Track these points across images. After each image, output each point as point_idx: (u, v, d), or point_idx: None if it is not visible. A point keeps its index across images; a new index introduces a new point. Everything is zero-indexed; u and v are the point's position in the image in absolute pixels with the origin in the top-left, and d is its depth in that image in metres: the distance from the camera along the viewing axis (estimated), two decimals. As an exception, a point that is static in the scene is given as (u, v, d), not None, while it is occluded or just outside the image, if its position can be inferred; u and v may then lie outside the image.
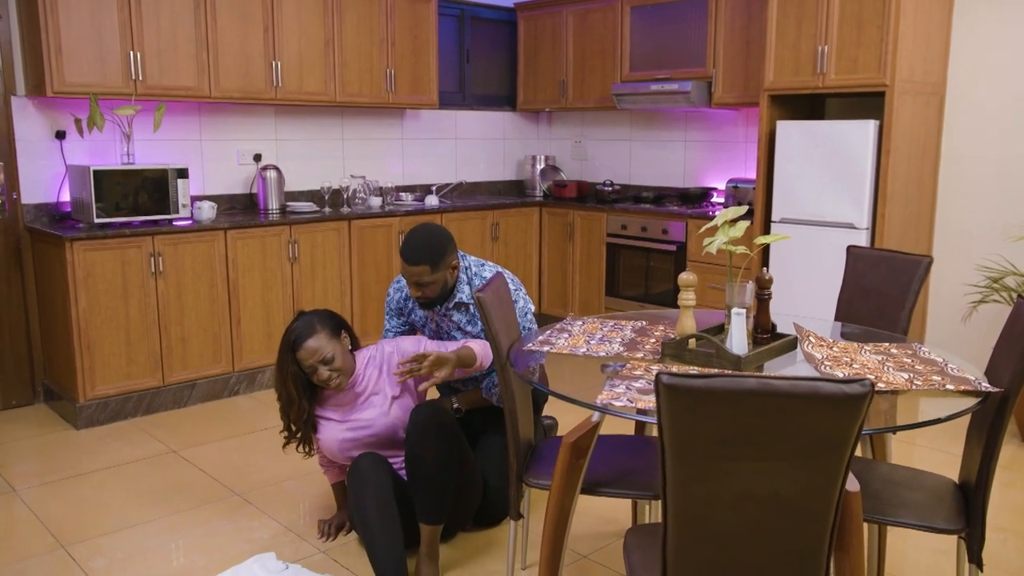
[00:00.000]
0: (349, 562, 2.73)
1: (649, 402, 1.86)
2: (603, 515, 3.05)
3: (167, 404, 4.18)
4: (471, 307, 2.91)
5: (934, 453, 3.64)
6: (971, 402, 1.94)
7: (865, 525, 2.50)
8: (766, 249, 4.49)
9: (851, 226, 4.13)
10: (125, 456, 3.62)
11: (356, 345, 2.83)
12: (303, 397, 2.69)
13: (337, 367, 2.66)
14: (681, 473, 1.50)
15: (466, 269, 2.93)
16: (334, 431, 2.76)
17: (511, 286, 2.88)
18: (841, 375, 2.07)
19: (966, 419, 2.17)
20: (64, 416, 4.07)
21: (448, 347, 2.80)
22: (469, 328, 2.94)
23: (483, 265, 2.98)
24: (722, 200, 5.21)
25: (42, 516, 3.05)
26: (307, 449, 2.79)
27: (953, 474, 2.36)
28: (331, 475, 2.98)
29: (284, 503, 3.17)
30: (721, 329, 2.40)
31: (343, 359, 2.69)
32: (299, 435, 2.75)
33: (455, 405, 2.97)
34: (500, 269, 2.97)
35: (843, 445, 1.45)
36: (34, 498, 3.20)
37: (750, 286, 2.27)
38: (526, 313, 2.86)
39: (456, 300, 2.89)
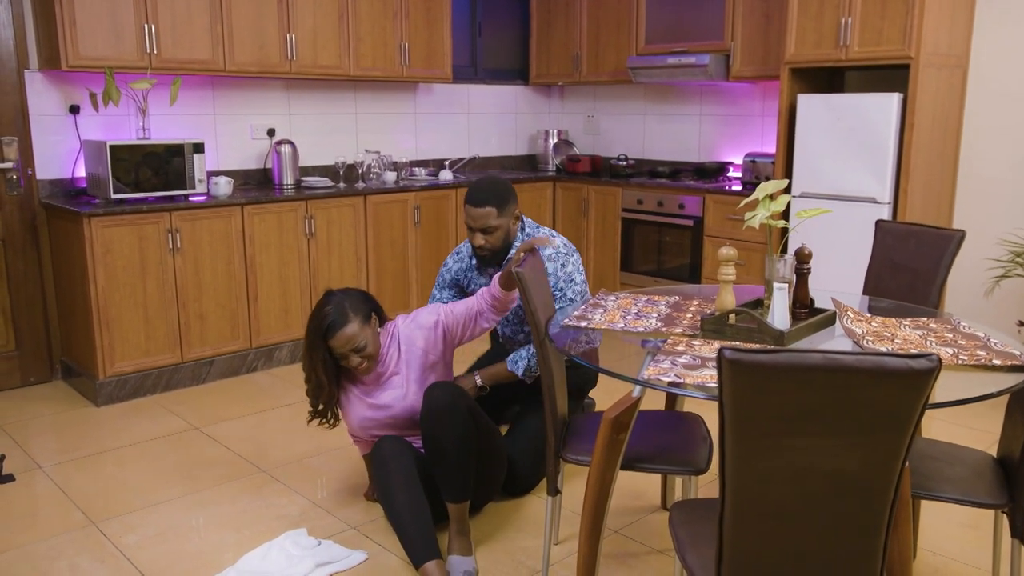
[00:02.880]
0: (380, 538, 2.73)
1: (698, 378, 1.85)
2: (632, 490, 3.05)
3: (186, 381, 4.17)
4: None
5: (957, 428, 3.64)
6: (1019, 376, 1.92)
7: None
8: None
9: (873, 200, 4.10)
10: (147, 433, 3.62)
11: (383, 322, 2.80)
12: (333, 383, 2.68)
13: (368, 354, 2.65)
14: (741, 449, 1.49)
15: (521, 228, 2.99)
16: (357, 408, 2.75)
17: (564, 251, 2.94)
18: (885, 350, 2.05)
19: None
20: (83, 393, 4.06)
21: (464, 300, 2.81)
22: None
23: (538, 228, 3.04)
24: (739, 175, 5.17)
25: (69, 493, 3.05)
26: (331, 423, 2.79)
27: (979, 448, 2.35)
28: (362, 447, 2.97)
29: (310, 479, 3.16)
30: (759, 304, 2.38)
31: (374, 345, 2.67)
32: (326, 414, 2.75)
33: (479, 384, 2.96)
34: (554, 233, 3.03)
35: (907, 421, 1.44)
36: (60, 475, 3.20)
37: (790, 260, 2.25)
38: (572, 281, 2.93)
39: (509, 257, 2.92)
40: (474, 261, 3.02)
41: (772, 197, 2.22)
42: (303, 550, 2.59)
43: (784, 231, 2.26)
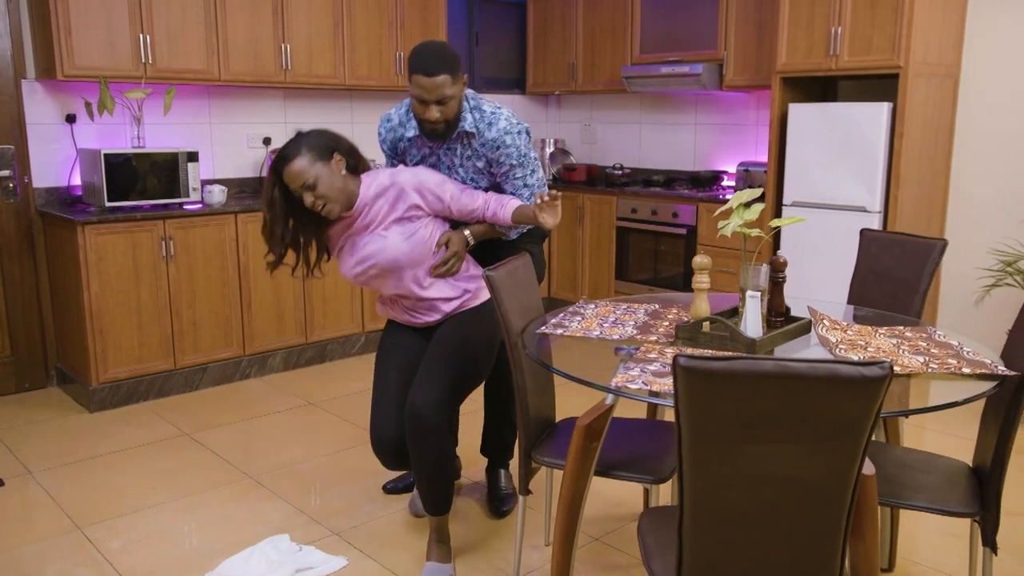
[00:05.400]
0: (361, 544, 2.74)
1: (665, 385, 1.86)
2: (614, 498, 3.06)
3: (179, 387, 4.20)
4: (474, 136, 2.65)
5: (945, 437, 3.64)
6: (987, 386, 1.93)
7: (879, 508, 2.51)
8: (777, 232, 4.48)
9: (863, 209, 4.10)
10: (138, 439, 3.64)
11: (361, 167, 2.61)
12: (283, 219, 2.51)
13: (321, 194, 2.45)
14: (698, 455, 1.50)
15: (467, 97, 2.66)
16: (346, 263, 2.63)
17: (521, 139, 2.67)
18: (856, 358, 2.06)
19: (979, 403, 2.17)
20: (77, 399, 4.10)
21: (473, 194, 2.64)
22: (469, 163, 2.71)
23: (481, 99, 2.72)
24: (733, 183, 5.18)
25: (58, 498, 3.07)
26: (307, 272, 2.63)
27: (964, 458, 2.35)
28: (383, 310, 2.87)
29: (296, 486, 3.18)
30: (735, 312, 2.39)
31: (329, 185, 2.46)
32: (283, 258, 2.57)
33: (470, 241, 2.69)
34: (499, 107, 2.71)
35: (861, 428, 1.45)
36: (49, 480, 3.23)
37: (764, 269, 2.26)
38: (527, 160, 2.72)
39: (460, 128, 2.63)
40: (409, 132, 2.70)
41: (746, 206, 2.23)
42: (283, 555, 2.61)
43: (759, 239, 2.27)
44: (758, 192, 2.27)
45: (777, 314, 2.32)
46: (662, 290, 5.11)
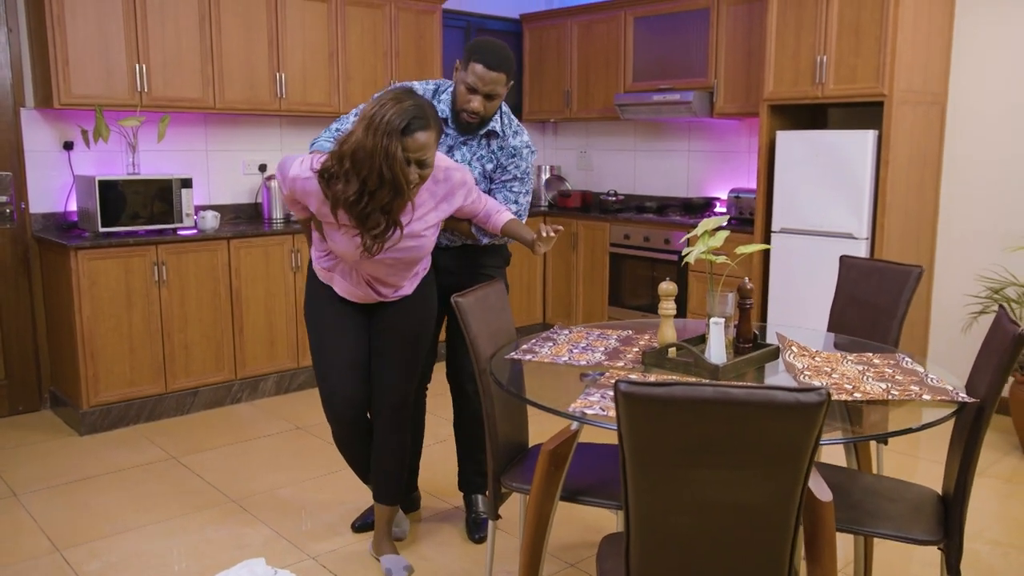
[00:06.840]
0: (338, 568, 2.75)
1: (620, 410, 1.87)
2: (591, 524, 3.05)
3: (169, 411, 4.23)
4: (497, 137, 2.75)
5: (933, 465, 3.61)
6: (947, 410, 1.93)
7: (850, 536, 2.50)
8: (767, 259, 4.49)
9: (850, 236, 4.11)
10: (125, 462, 3.67)
11: None
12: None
13: (424, 176, 2.29)
14: (642, 480, 1.51)
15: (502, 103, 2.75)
16: (356, 242, 2.36)
17: (531, 158, 2.79)
18: (819, 385, 2.07)
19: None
20: (68, 422, 4.13)
21: (482, 198, 2.62)
22: (478, 163, 2.76)
23: (512, 115, 2.85)
24: (725, 210, 5.20)
25: (40, 520, 3.10)
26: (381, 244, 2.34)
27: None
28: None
29: (277, 510, 3.20)
30: (703, 339, 2.40)
31: (430, 171, 2.32)
32: (386, 227, 2.29)
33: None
34: (521, 127, 2.84)
35: (801, 454, 1.46)
36: (34, 503, 3.25)
37: (731, 296, 2.28)
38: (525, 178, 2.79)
39: (488, 128, 2.72)
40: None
41: (712, 233, 2.26)
42: (258, 579, 2.61)
43: (726, 266, 2.29)
44: (724, 219, 2.29)
45: (745, 340, 2.33)
46: (655, 316, 5.11)
